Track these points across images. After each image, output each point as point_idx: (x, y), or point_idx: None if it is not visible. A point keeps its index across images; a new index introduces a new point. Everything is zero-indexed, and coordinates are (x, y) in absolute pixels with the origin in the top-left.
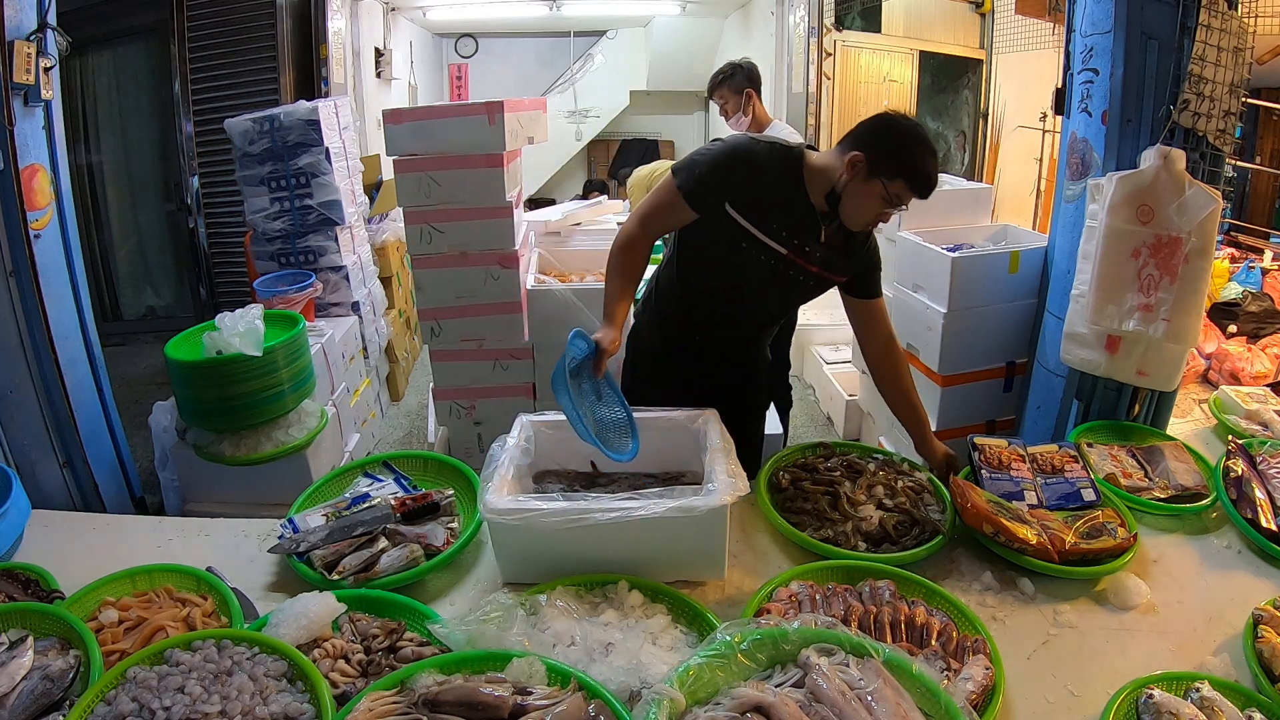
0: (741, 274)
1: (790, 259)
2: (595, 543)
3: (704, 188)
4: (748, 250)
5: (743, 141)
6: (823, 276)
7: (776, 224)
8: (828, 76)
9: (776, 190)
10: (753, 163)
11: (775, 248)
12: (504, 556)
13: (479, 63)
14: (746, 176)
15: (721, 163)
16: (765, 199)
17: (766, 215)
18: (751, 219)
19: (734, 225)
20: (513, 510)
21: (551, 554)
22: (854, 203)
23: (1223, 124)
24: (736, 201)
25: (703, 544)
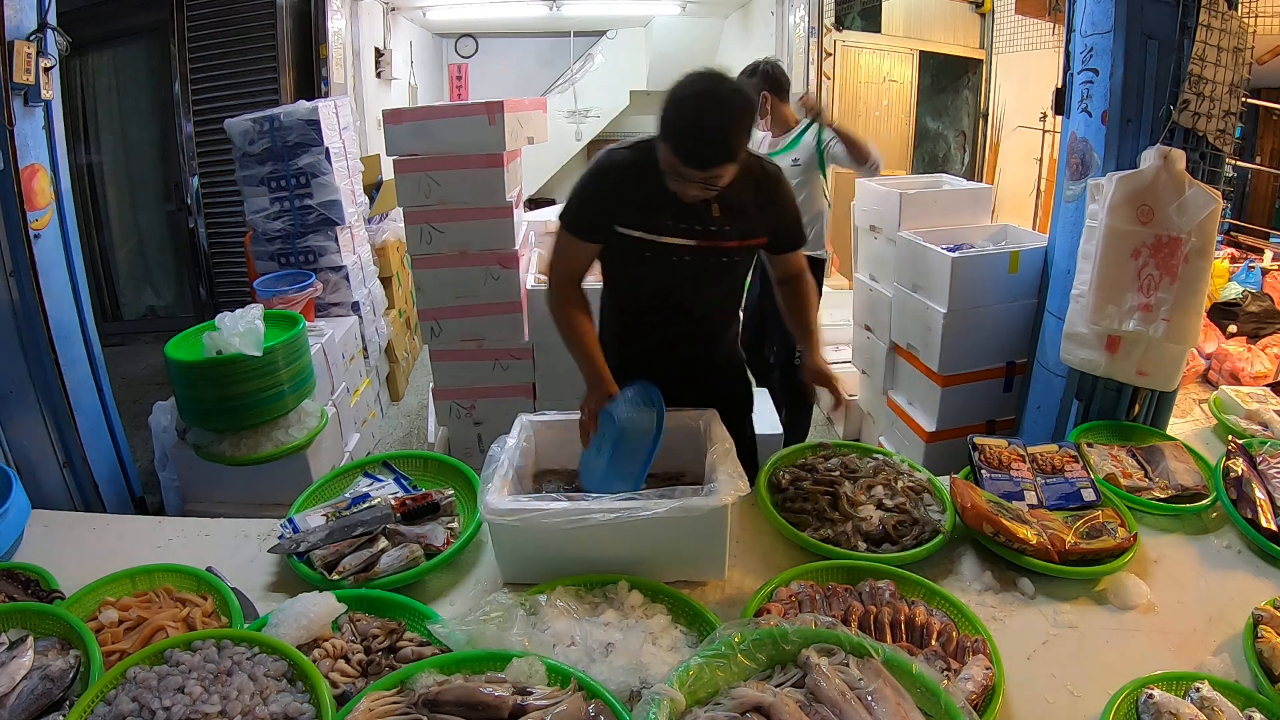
0: (663, 279)
1: (703, 246)
2: (596, 543)
3: (584, 219)
4: (654, 259)
5: (603, 159)
6: (744, 246)
7: (671, 220)
8: (828, 76)
9: (653, 188)
10: (618, 175)
11: (682, 243)
12: (504, 557)
13: (479, 63)
14: (618, 191)
15: (589, 190)
16: (647, 202)
17: (655, 217)
18: (643, 228)
19: (630, 240)
20: (513, 511)
21: (552, 554)
22: (665, 174)
23: (1223, 124)
24: (621, 219)
25: (703, 544)
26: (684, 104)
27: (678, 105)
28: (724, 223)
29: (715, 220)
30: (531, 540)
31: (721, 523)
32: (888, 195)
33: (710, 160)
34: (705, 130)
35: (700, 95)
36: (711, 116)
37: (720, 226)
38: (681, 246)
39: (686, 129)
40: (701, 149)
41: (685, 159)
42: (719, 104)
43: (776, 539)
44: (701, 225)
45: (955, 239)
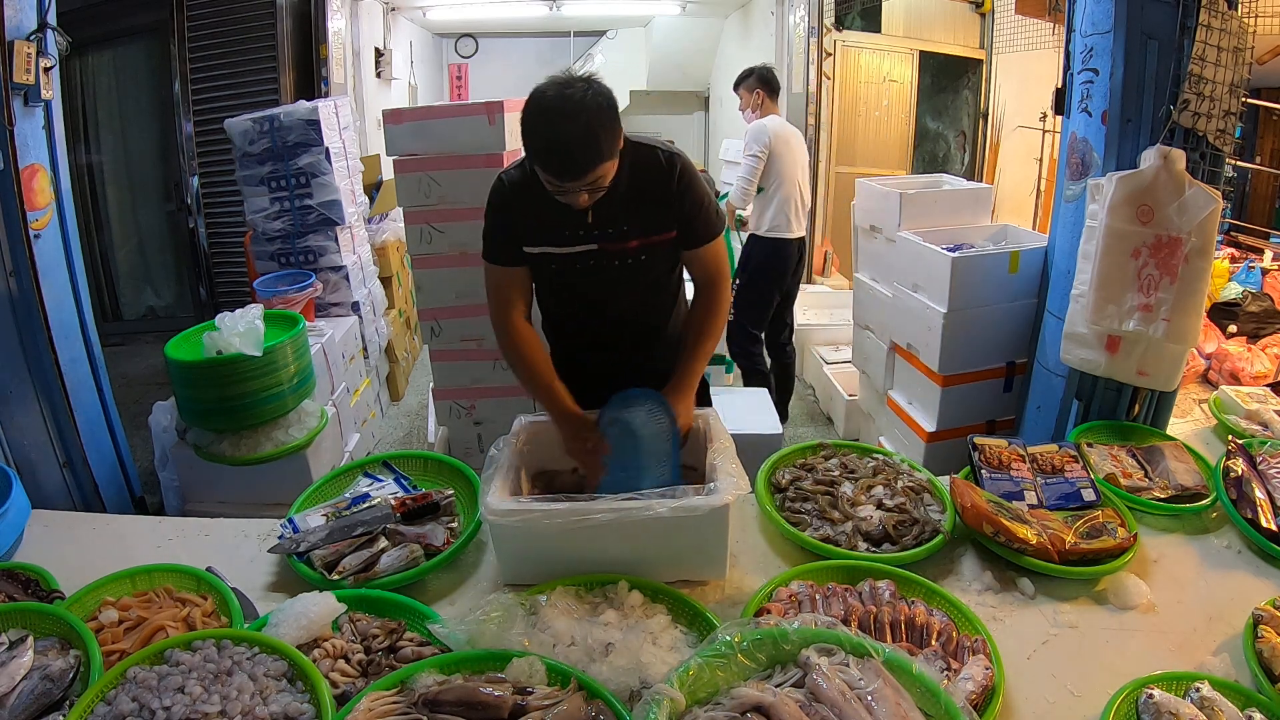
0: (577, 289)
1: (604, 249)
2: (596, 543)
3: (496, 245)
4: (560, 268)
5: (496, 184)
6: (650, 244)
7: (568, 230)
8: (828, 76)
9: (543, 199)
10: (511, 196)
11: (583, 249)
12: (505, 557)
13: (479, 63)
14: (511, 213)
15: (491, 216)
16: (538, 216)
17: (552, 230)
18: (545, 241)
19: (539, 257)
20: (513, 511)
21: (552, 555)
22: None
23: (1223, 124)
24: (525, 238)
25: (704, 543)
26: (536, 120)
27: (531, 123)
28: (618, 223)
29: (604, 222)
30: (532, 541)
31: (722, 522)
32: (888, 195)
33: (579, 168)
34: (562, 141)
35: (548, 109)
36: (565, 125)
37: (617, 227)
38: (584, 253)
39: (545, 145)
40: (565, 160)
41: (556, 174)
42: (569, 111)
43: (776, 539)
44: (598, 229)
45: (955, 239)
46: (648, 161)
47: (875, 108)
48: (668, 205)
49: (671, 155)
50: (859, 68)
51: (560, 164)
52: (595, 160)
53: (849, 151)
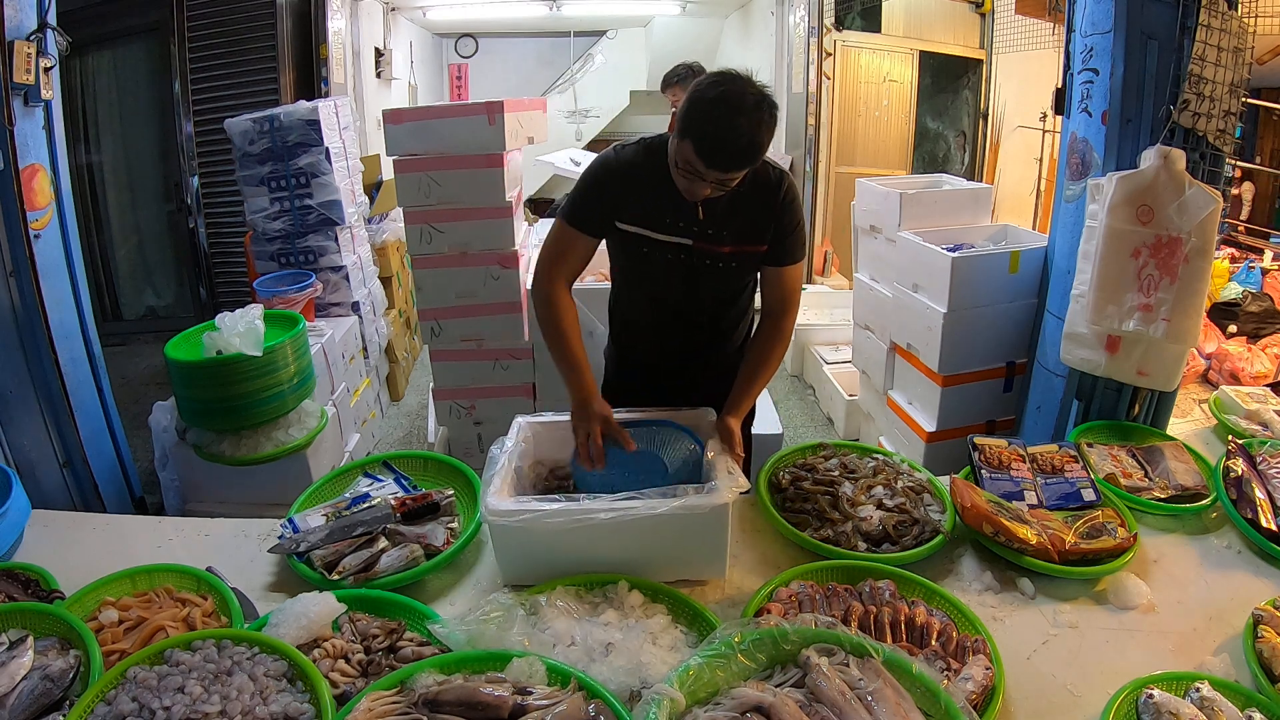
0: (660, 279)
1: (699, 247)
2: (596, 543)
3: (586, 212)
4: (651, 254)
5: (607, 155)
6: (741, 253)
7: (669, 218)
8: (828, 76)
9: (653, 186)
10: (621, 170)
11: (678, 241)
12: (505, 558)
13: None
14: (621, 186)
15: (593, 183)
16: (647, 199)
17: (655, 214)
18: (643, 224)
19: (629, 236)
20: (513, 512)
21: (553, 555)
22: (674, 169)
23: (1223, 124)
24: (623, 214)
25: (704, 543)
26: (712, 105)
27: (706, 106)
28: (718, 225)
29: (708, 223)
30: (532, 541)
31: (722, 521)
32: (888, 195)
33: (732, 164)
34: (732, 133)
35: (728, 98)
36: (739, 120)
37: (716, 229)
38: (678, 245)
39: (712, 131)
40: (725, 152)
41: (708, 161)
42: (747, 108)
43: (776, 539)
44: (698, 227)
45: (955, 239)
46: (760, 173)
47: (875, 108)
48: (768, 219)
49: (781, 172)
50: (859, 68)
51: (721, 153)
52: (752, 160)
53: (849, 151)
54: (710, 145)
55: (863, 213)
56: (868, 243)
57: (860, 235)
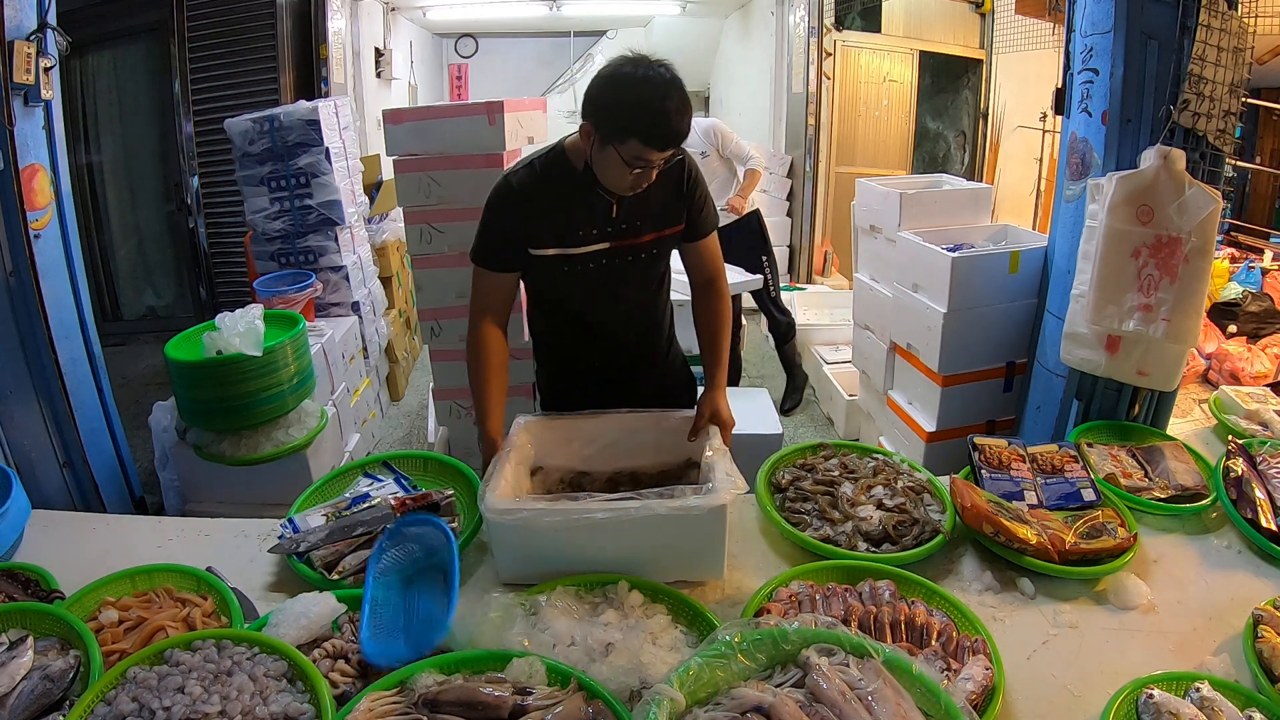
0: (585, 290)
1: (617, 246)
2: (594, 542)
3: (495, 251)
4: (573, 270)
5: (500, 184)
6: (660, 238)
7: (581, 230)
8: (828, 76)
9: (557, 201)
10: (518, 199)
11: (596, 248)
12: (504, 556)
13: (479, 63)
14: (519, 216)
15: (494, 221)
16: (554, 218)
17: (566, 230)
18: (555, 244)
19: (545, 260)
20: (513, 510)
21: (551, 554)
22: (604, 174)
23: (1223, 124)
24: (534, 241)
25: (702, 543)
26: (639, 88)
27: (633, 93)
28: (634, 219)
29: (623, 219)
30: (531, 540)
31: (721, 522)
32: (888, 195)
33: (675, 140)
34: (669, 114)
35: (650, 82)
36: (669, 98)
37: (631, 223)
38: (597, 253)
39: (654, 118)
40: (667, 131)
41: (660, 145)
42: (670, 84)
43: (776, 539)
44: (613, 226)
45: (955, 239)
46: None
47: (875, 108)
48: (679, 199)
49: (679, 149)
50: (859, 68)
51: (663, 132)
52: (687, 132)
53: (849, 151)
54: (658, 131)
55: (863, 213)
56: (868, 243)
57: (860, 235)
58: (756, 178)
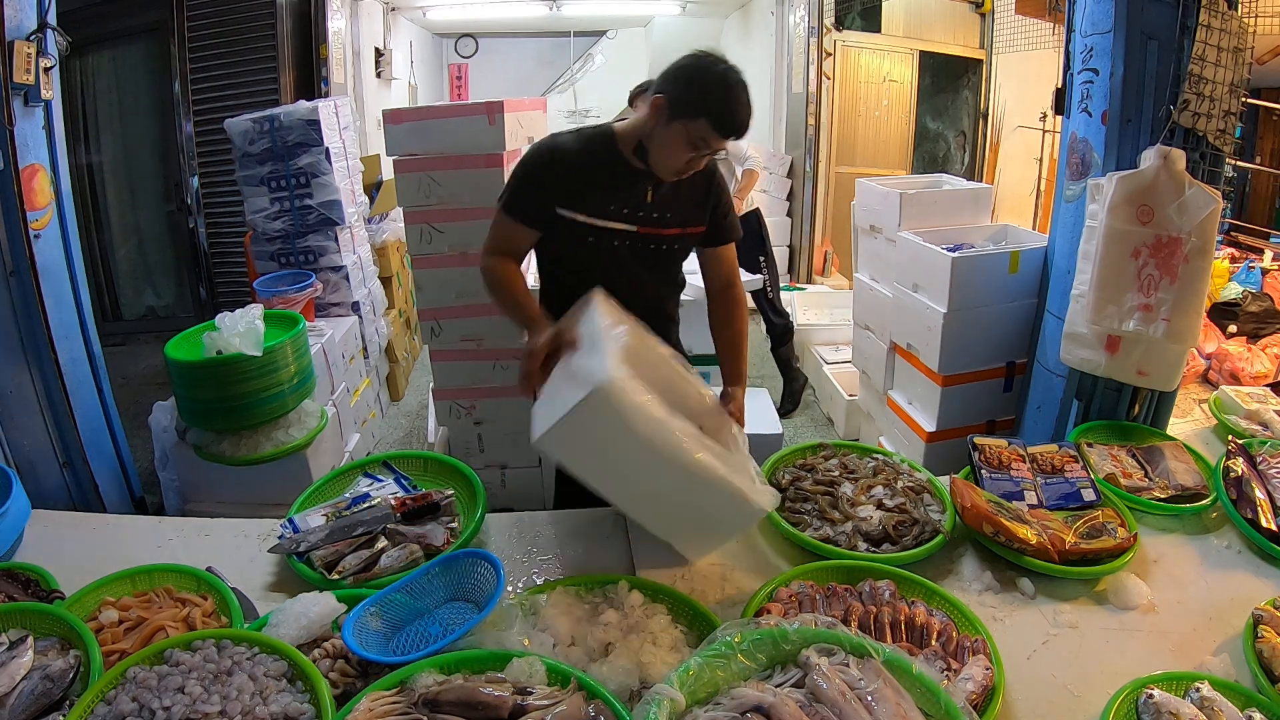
0: (603, 266)
1: (643, 233)
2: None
3: (523, 198)
4: (597, 242)
5: (546, 140)
6: (684, 234)
7: (614, 205)
8: (828, 76)
9: (597, 171)
10: (562, 155)
11: (623, 228)
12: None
13: (479, 63)
14: (560, 172)
15: (530, 168)
16: (590, 184)
17: (599, 200)
18: (585, 210)
19: (572, 225)
20: (635, 393)
21: (614, 459)
22: (660, 150)
23: (1223, 124)
24: (563, 200)
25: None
26: (715, 78)
27: (710, 79)
28: (664, 209)
29: (655, 206)
30: (611, 433)
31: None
32: (888, 195)
33: (741, 129)
34: (741, 105)
35: (725, 72)
36: (742, 90)
37: (661, 213)
38: (622, 232)
39: (728, 105)
40: (737, 119)
41: (724, 132)
42: (743, 85)
43: (776, 539)
44: (644, 212)
45: (955, 239)
46: None
47: (875, 108)
48: (705, 201)
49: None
50: (859, 68)
51: (734, 120)
52: (745, 130)
53: (849, 151)
54: (728, 118)
55: (863, 213)
56: (868, 243)
57: (860, 235)
58: (754, 178)
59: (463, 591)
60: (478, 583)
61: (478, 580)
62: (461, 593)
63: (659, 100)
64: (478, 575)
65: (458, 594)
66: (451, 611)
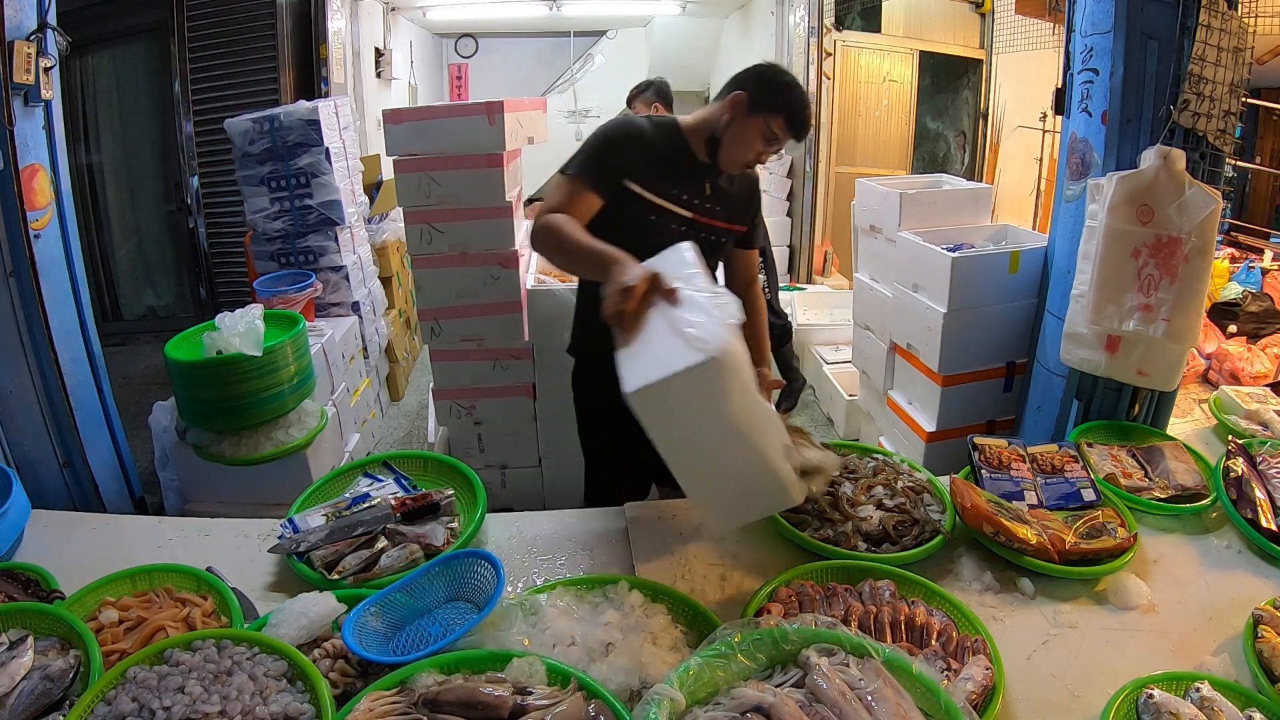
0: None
1: (698, 221)
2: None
3: (598, 165)
4: (657, 222)
5: (623, 118)
6: (730, 230)
7: (676, 189)
8: (828, 76)
9: (667, 155)
10: (639, 134)
11: (682, 213)
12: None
13: (479, 63)
14: (637, 148)
15: (610, 139)
16: (659, 166)
17: (664, 183)
18: (652, 189)
19: (638, 201)
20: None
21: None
22: (734, 142)
23: (1223, 124)
24: (634, 174)
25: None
26: (791, 83)
27: (790, 89)
28: (718, 203)
29: (711, 199)
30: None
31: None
32: (888, 195)
33: (806, 131)
34: (809, 107)
35: (796, 83)
36: (808, 100)
37: (714, 206)
38: (681, 216)
39: (798, 106)
40: (806, 121)
41: (791, 124)
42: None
43: (776, 539)
44: (699, 201)
45: (955, 239)
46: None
47: (875, 108)
48: (749, 205)
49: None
50: (859, 68)
51: (802, 124)
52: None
53: (849, 151)
54: (800, 118)
55: (863, 213)
56: (868, 243)
57: (860, 235)
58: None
59: (463, 591)
60: (478, 583)
61: (478, 580)
62: (461, 593)
63: (739, 96)
64: (478, 575)
65: (458, 594)
66: (451, 611)
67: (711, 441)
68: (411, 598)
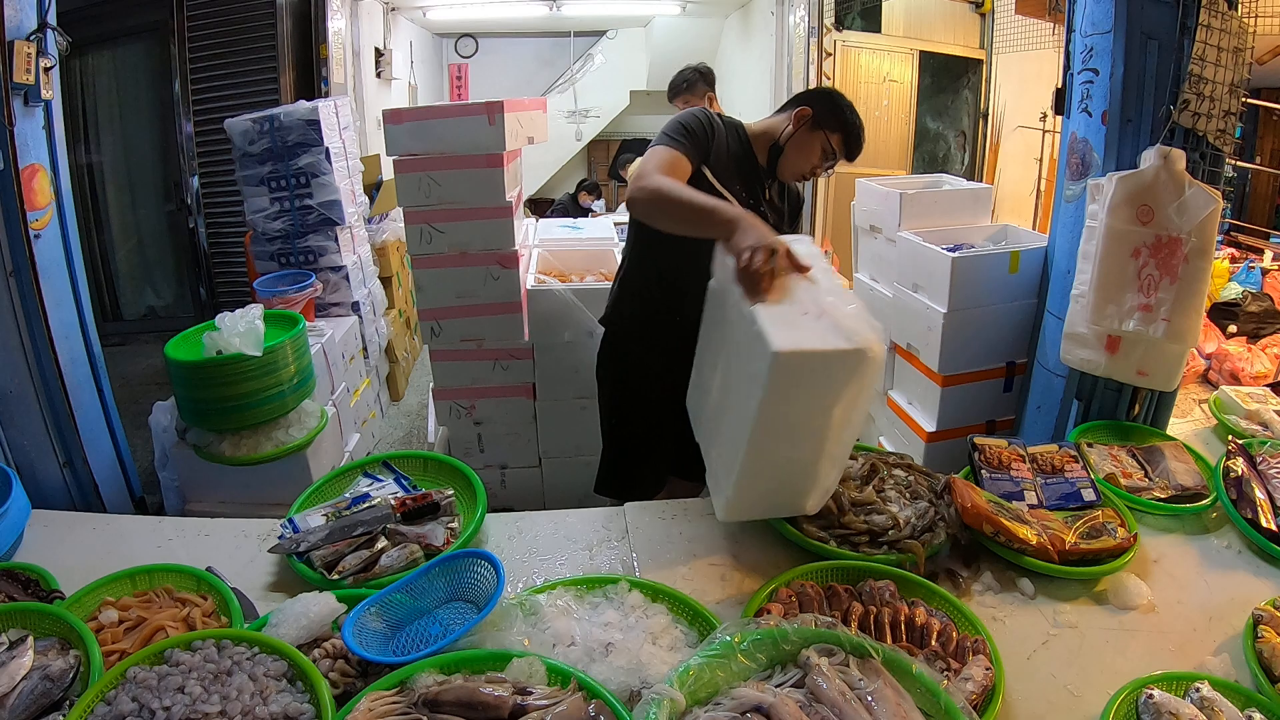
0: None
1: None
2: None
3: (692, 140)
4: None
5: (700, 110)
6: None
7: (738, 186)
8: (828, 76)
9: (734, 153)
10: (716, 127)
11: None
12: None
13: (479, 63)
14: (717, 139)
15: (697, 124)
16: (728, 161)
17: (730, 177)
18: (722, 180)
19: (710, 188)
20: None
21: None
22: (795, 153)
23: (1223, 124)
24: (710, 161)
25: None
26: (853, 108)
27: (851, 108)
28: (769, 209)
29: (766, 203)
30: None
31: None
32: (888, 195)
33: (857, 153)
34: (864, 132)
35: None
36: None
37: (765, 211)
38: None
39: (858, 128)
40: (860, 143)
41: (848, 142)
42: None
43: (776, 539)
44: (755, 202)
45: (955, 239)
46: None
47: (875, 108)
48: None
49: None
50: (859, 68)
51: (858, 144)
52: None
53: None
54: (856, 139)
55: (863, 213)
56: (868, 243)
57: (860, 235)
58: None
59: (463, 591)
60: (478, 583)
61: (478, 580)
62: (461, 593)
63: (806, 111)
64: (478, 575)
65: (458, 594)
66: (451, 611)
67: (805, 425)
68: (411, 598)
